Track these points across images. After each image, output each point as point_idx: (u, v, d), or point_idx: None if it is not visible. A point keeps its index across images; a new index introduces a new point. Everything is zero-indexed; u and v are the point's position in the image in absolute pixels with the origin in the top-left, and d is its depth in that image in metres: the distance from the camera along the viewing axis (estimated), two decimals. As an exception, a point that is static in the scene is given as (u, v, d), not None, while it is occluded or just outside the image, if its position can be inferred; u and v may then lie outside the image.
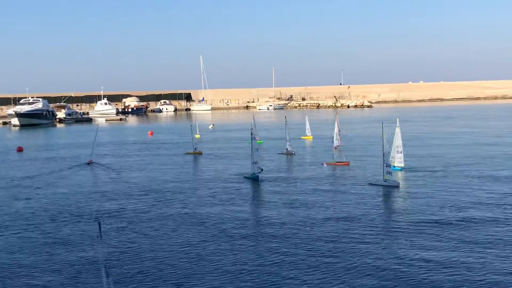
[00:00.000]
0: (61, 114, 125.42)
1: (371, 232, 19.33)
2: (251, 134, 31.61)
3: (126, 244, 18.57)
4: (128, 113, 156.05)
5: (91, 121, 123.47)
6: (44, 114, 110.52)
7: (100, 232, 11.53)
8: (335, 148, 43.13)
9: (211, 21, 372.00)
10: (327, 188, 28.29)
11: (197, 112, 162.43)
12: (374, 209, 22.99)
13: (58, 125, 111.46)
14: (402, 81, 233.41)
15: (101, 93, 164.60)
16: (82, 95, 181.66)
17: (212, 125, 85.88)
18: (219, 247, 17.82)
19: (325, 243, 17.99)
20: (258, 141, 52.59)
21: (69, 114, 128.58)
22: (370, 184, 28.83)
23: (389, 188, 27.37)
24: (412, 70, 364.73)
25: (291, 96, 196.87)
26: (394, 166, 32.52)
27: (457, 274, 14.84)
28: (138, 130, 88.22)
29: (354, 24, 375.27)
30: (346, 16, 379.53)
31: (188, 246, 18.17)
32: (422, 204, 23.40)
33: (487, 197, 24.48)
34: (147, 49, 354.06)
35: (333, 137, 44.42)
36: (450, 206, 22.91)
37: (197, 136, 62.35)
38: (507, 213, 21.43)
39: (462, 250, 17.01)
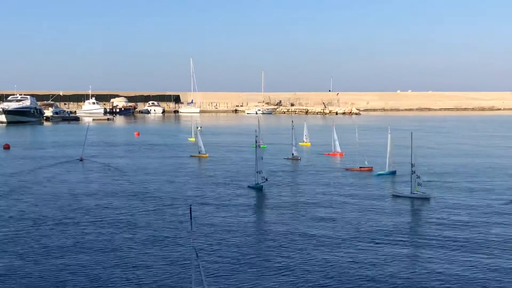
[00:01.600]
0: (48, 112, 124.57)
1: (402, 251, 18.39)
2: (256, 141, 30.66)
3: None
4: (115, 113, 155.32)
5: (79, 120, 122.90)
6: (32, 112, 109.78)
7: (191, 219, 11.55)
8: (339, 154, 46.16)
9: (202, 24, 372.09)
10: (349, 200, 27.12)
11: (185, 114, 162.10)
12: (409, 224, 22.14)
13: (45, 123, 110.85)
14: (390, 90, 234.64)
15: (89, 92, 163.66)
16: (70, 94, 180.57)
17: (200, 127, 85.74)
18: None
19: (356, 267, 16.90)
20: (262, 145, 52.64)
21: (56, 113, 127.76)
22: (395, 195, 27.98)
23: (419, 201, 26.52)
24: (401, 79, 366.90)
25: (280, 101, 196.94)
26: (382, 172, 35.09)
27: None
28: (125, 131, 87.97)
29: (344, 32, 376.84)
30: (336, 24, 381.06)
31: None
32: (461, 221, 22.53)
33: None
34: (136, 49, 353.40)
35: (334, 143, 47.05)
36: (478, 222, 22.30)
37: (192, 139, 61.98)
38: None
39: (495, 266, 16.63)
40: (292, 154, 44.65)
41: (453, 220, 22.77)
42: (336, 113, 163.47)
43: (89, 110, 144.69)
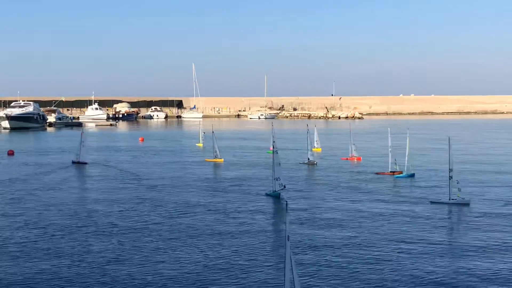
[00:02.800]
0: (51, 118, 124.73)
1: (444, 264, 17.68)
2: (273, 147, 29.49)
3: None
4: (118, 118, 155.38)
5: (81, 126, 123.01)
6: (35, 117, 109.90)
7: (286, 208, 11.60)
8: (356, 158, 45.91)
9: (204, 29, 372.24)
10: (386, 208, 26.25)
11: (188, 119, 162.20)
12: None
13: (48, 129, 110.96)
14: (393, 94, 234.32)
15: (92, 98, 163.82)
16: (73, 100, 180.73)
17: (204, 132, 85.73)
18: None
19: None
20: (271, 150, 52.31)
21: (59, 119, 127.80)
22: (433, 202, 27.28)
23: (459, 207, 25.93)
24: (404, 83, 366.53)
25: (283, 105, 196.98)
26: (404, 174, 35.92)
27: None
28: (129, 136, 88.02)
29: (347, 36, 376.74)
30: (339, 28, 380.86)
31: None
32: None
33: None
34: (139, 55, 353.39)
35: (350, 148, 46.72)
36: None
37: (200, 144, 61.73)
38: None
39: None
40: (308, 159, 43.77)
41: (501, 225, 22.50)
42: (339, 118, 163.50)
43: (92, 116, 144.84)
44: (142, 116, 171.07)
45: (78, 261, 17.92)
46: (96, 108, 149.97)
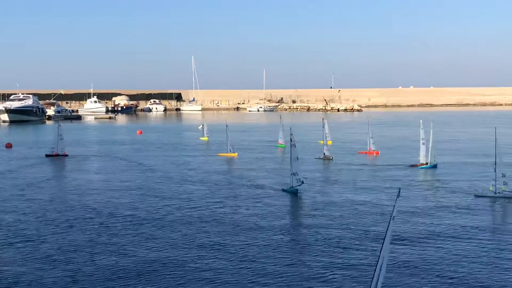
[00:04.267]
0: (50, 111, 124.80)
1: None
2: (291, 140, 27.82)
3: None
4: (117, 111, 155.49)
5: (81, 119, 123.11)
6: (34, 111, 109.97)
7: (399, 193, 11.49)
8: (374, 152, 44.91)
9: (203, 22, 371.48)
10: (429, 204, 25.23)
11: (187, 112, 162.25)
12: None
13: (47, 122, 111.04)
14: (392, 86, 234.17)
15: (91, 91, 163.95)
16: (72, 93, 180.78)
17: (201, 126, 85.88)
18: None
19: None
20: (281, 144, 51.79)
21: (58, 112, 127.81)
22: (478, 196, 26.55)
23: (506, 200, 25.36)
24: (402, 75, 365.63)
25: (282, 98, 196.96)
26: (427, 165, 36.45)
27: None
28: (127, 129, 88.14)
29: (345, 29, 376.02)
30: (338, 20, 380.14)
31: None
32: None
33: None
34: (138, 48, 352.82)
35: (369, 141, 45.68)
36: None
37: (205, 138, 61.24)
38: None
39: None
40: (324, 154, 42.12)
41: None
42: (338, 110, 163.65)
43: (91, 109, 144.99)
44: (141, 109, 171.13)
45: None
46: (95, 101, 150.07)
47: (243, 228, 21.07)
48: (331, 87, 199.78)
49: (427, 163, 36.87)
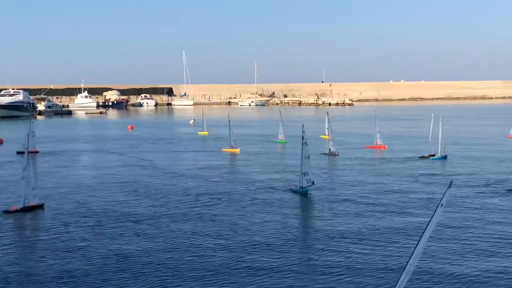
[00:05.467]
0: (41, 106, 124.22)
1: None
2: (302, 138, 26.00)
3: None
4: (108, 106, 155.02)
5: (71, 114, 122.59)
6: (25, 106, 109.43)
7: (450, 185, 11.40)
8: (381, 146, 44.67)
9: (194, 16, 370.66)
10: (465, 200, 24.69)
11: (179, 107, 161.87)
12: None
13: (38, 117, 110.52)
14: (383, 80, 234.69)
15: (82, 86, 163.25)
16: (62, 88, 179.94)
17: (193, 120, 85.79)
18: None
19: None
20: (282, 140, 51.38)
21: (49, 107, 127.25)
22: (510, 190, 26.49)
23: None
24: (394, 69, 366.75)
25: (273, 92, 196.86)
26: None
27: None
28: (118, 124, 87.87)
29: (337, 23, 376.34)
30: (329, 15, 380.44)
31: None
32: None
33: None
34: (129, 43, 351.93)
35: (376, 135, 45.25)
36: None
37: (205, 133, 61.10)
38: None
39: None
40: (329, 149, 41.26)
41: None
42: (329, 104, 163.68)
43: (81, 104, 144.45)
44: (132, 104, 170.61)
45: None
46: (86, 96, 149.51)
47: (256, 236, 19.59)
48: (322, 81, 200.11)
49: (434, 154, 37.79)
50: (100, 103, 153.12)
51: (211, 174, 33.35)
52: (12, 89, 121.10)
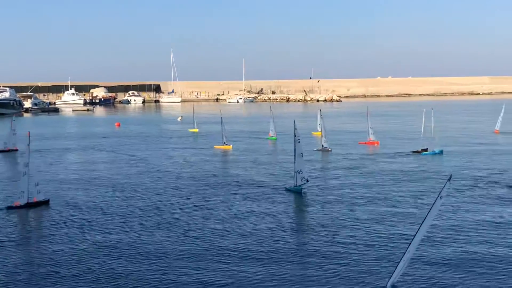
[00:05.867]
0: (27, 104, 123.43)
1: None
2: (295, 135, 25.61)
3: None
4: (95, 103, 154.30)
5: (58, 112, 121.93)
6: (12, 103, 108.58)
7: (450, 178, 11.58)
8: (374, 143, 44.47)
9: (181, 13, 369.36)
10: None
11: (166, 104, 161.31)
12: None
13: (25, 115, 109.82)
14: (371, 76, 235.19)
15: (69, 83, 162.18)
16: (49, 85, 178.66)
17: (180, 117, 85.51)
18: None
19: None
20: (273, 137, 51.00)
21: (35, 104, 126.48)
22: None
23: None
24: (381, 65, 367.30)
25: (261, 89, 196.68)
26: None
27: None
28: (106, 121, 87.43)
29: (324, 19, 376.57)
30: (316, 11, 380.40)
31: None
32: None
33: None
34: (116, 39, 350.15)
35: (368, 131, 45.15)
36: None
37: (196, 130, 60.76)
38: None
39: None
40: (322, 146, 40.94)
41: None
42: (318, 101, 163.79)
43: (68, 101, 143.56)
44: (120, 101, 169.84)
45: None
46: (73, 93, 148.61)
47: (253, 234, 19.28)
48: (310, 78, 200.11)
49: (426, 149, 38.22)
50: (87, 100, 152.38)
51: (205, 171, 33.01)
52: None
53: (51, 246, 18.13)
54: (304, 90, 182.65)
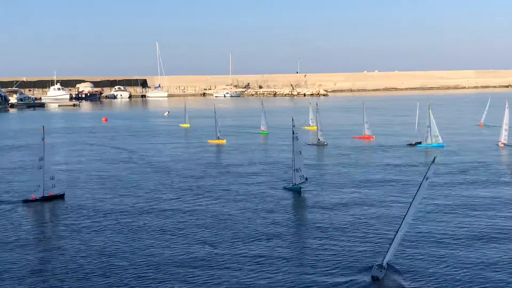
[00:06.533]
0: (13, 99, 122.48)
1: None
2: (293, 132, 24.81)
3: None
4: (81, 98, 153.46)
5: (44, 107, 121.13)
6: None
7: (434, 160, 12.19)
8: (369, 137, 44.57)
9: (166, 7, 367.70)
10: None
11: (153, 99, 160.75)
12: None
13: (11, 110, 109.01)
14: (357, 70, 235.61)
15: (54, 78, 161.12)
16: (34, 80, 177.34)
17: (167, 112, 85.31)
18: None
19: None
20: (264, 131, 51.01)
21: (21, 99, 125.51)
22: None
23: None
24: (368, 59, 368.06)
25: (248, 84, 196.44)
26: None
27: None
28: (93, 116, 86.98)
29: (311, 13, 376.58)
30: (303, 5, 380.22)
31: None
32: None
33: None
34: (102, 33, 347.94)
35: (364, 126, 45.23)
36: None
37: (187, 125, 60.16)
38: None
39: None
40: (318, 140, 40.87)
41: None
42: (304, 95, 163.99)
43: (54, 96, 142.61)
44: (106, 96, 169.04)
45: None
46: (59, 88, 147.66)
47: (256, 235, 18.95)
48: (297, 72, 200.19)
49: (420, 142, 39.15)
50: (73, 95, 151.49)
51: (201, 166, 32.99)
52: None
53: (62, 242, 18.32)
54: (291, 85, 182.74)
